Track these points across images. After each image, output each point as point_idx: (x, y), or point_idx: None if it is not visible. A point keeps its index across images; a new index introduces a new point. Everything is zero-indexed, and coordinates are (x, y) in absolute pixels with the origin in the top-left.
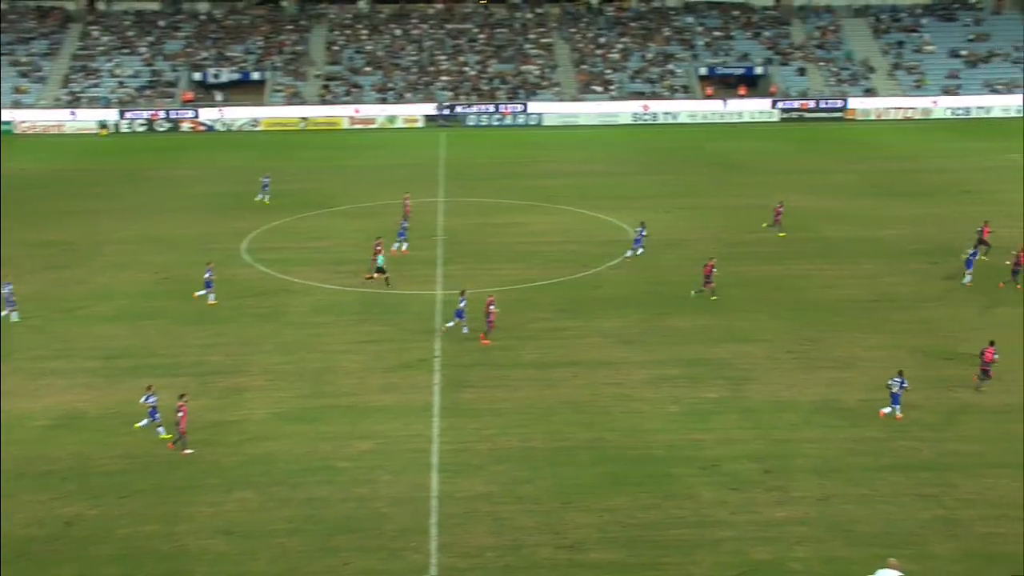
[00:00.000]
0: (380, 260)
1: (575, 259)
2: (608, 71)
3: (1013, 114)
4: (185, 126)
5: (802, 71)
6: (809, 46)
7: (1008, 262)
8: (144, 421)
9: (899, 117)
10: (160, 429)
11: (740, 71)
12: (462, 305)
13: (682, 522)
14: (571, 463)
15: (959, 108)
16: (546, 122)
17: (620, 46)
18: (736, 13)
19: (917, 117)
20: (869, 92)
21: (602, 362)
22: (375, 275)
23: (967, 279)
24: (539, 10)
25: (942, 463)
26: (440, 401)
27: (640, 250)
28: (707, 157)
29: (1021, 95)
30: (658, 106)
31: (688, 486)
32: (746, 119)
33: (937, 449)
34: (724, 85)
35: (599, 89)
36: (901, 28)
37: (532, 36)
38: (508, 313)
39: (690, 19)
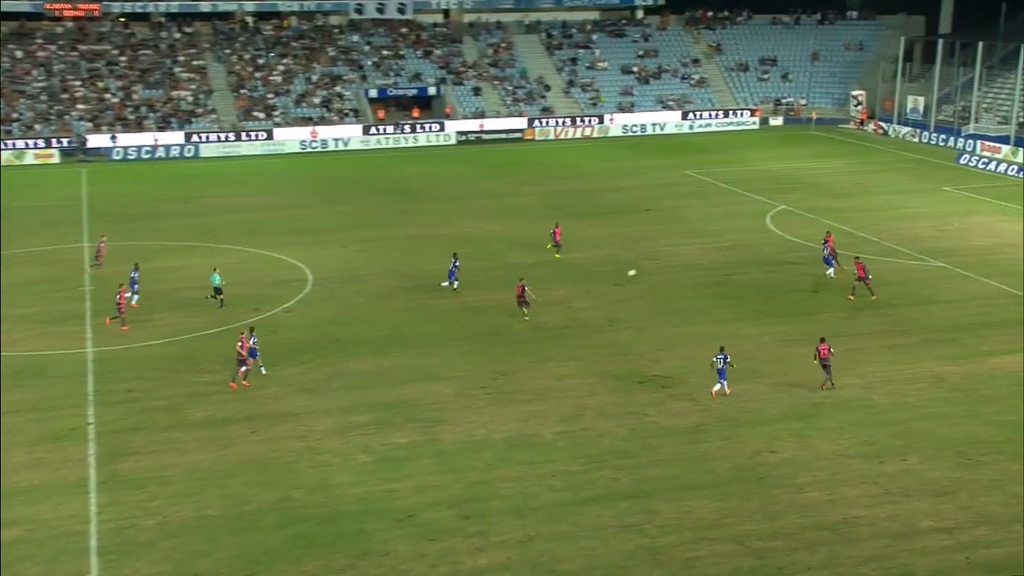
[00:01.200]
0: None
1: (246, 303)
2: (270, 96)
3: (685, 130)
4: None
5: (477, 91)
6: (483, 64)
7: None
8: None
9: (578, 136)
10: None
11: (413, 92)
12: (253, 343)
13: None
14: (255, 529)
15: (634, 125)
16: (204, 153)
17: (282, 68)
18: (405, 31)
19: (595, 136)
20: (546, 111)
21: (283, 414)
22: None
23: (831, 272)
24: (188, 29)
25: (641, 490)
26: (97, 474)
27: (456, 283)
28: (383, 185)
29: (685, 111)
30: (328, 132)
31: (384, 541)
32: (422, 143)
33: (635, 476)
34: (397, 107)
35: (261, 115)
36: (573, 44)
37: (182, 58)
38: (171, 368)
39: (356, 38)
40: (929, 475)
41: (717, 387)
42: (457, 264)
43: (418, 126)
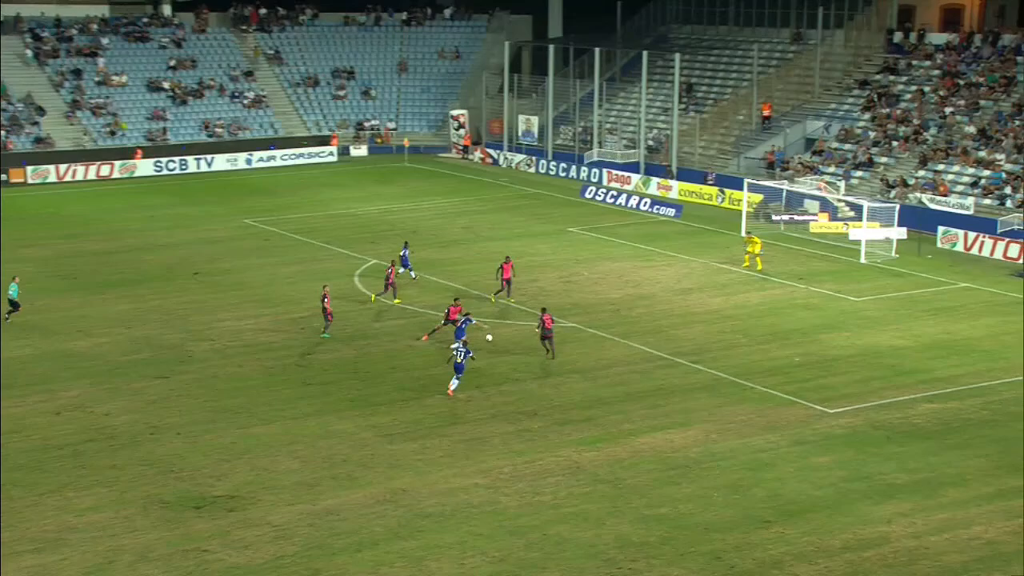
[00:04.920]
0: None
1: None
2: None
3: (242, 165)
4: None
5: None
6: None
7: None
8: None
9: (91, 177)
10: None
11: None
12: None
13: None
14: None
15: (171, 160)
16: None
17: None
18: None
19: (116, 176)
20: (42, 143)
21: None
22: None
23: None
24: None
25: None
26: None
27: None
28: None
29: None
30: None
31: None
32: None
33: None
34: None
35: None
36: (75, 51)
37: None
38: None
39: None
40: None
41: (454, 384)
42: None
43: None
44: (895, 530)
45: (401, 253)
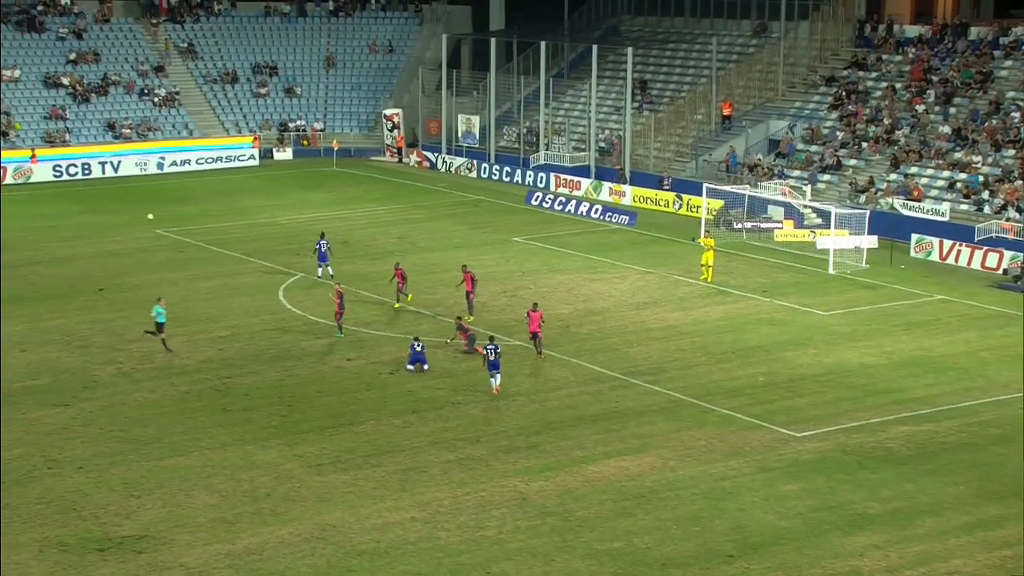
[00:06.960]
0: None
1: None
2: None
3: (153, 170)
4: None
5: None
6: None
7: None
8: None
9: None
10: None
11: None
12: None
13: None
14: None
15: (72, 165)
16: None
17: None
18: None
19: (10, 181)
20: None
21: None
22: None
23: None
24: None
25: None
26: None
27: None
28: None
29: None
30: None
31: None
32: None
33: None
34: None
35: None
36: None
37: None
38: None
39: None
40: None
41: (494, 382)
42: (326, 244)
43: None
44: (867, 564)
45: (317, 245)
